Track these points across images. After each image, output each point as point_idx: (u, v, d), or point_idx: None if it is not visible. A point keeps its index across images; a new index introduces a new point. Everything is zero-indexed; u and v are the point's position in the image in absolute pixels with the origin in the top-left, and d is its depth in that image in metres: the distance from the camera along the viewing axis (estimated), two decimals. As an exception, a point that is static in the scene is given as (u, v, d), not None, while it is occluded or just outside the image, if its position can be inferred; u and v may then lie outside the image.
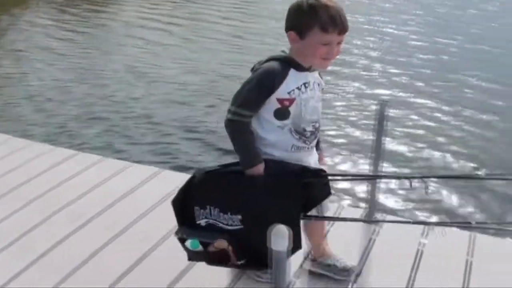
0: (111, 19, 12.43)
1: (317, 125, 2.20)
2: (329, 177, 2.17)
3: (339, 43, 2.05)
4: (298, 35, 2.04)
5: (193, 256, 2.26)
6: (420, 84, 7.83)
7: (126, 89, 7.37)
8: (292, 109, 2.09)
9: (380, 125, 2.89)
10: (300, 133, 2.14)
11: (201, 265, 2.37)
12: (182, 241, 2.20)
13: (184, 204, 2.20)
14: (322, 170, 2.16)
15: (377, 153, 2.96)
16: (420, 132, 6.10)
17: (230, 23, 11.87)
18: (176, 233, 2.22)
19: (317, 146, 2.37)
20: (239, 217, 2.09)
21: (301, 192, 2.06)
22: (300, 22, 2.03)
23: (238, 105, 2.07)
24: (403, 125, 6.20)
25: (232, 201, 2.10)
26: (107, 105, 6.73)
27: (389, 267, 2.67)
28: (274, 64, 2.08)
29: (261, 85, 2.05)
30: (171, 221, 2.26)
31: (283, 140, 2.13)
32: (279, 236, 1.69)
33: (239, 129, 2.10)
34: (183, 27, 11.49)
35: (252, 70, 2.15)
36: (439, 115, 6.66)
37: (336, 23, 1.99)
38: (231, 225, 2.11)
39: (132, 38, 10.45)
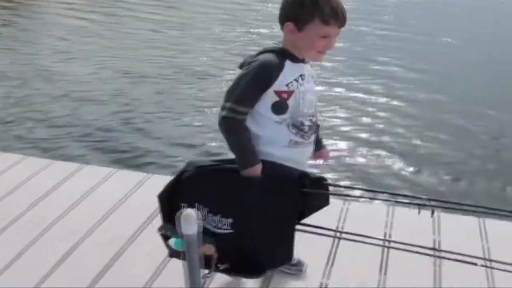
0: (24, 16, 12.00)
1: (314, 119, 2.11)
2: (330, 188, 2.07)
3: (335, 35, 1.97)
4: (296, 27, 1.94)
5: (174, 254, 2.06)
6: (332, 73, 8.11)
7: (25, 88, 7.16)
8: (290, 102, 1.99)
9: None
10: (298, 127, 2.04)
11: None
12: (165, 238, 2.06)
13: (171, 200, 2.08)
14: (323, 179, 2.03)
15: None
16: (333, 122, 6.35)
17: (151, 17, 11.80)
18: (160, 229, 2.07)
19: (319, 143, 2.32)
20: (230, 220, 1.97)
21: (299, 199, 1.95)
22: (300, 13, 1.92)
23: (234, 100, 1.94)
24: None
25: (224, 202, 1.98)
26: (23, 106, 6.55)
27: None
28: (269, 56, 1.98)
29: (259, 78, 1.94)
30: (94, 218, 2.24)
31: (280, 135, 2.03)
32: (188, 221, 1.69)
33: (235, 126, 1.97)
34: (100, 23, 11.25)
35: (242, 66, 2.03)
36: (350, 102, 6.93)
37: (338, 16, 1.91)
38: (221, 228, 2.00)
39: (48, 36, 10.12)
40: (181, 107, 6.52)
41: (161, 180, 3.57)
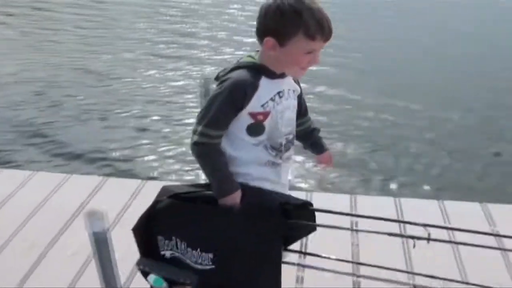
0: None
1: (290, 136, 1.96)
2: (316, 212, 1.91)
3: (320, 50, 1.78)
4: (277, 42, 1.73)
5: None
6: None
7: None
8: (267, 123, 1.83)
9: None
10: (276, 149, 1.90)
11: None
12: (145, 274, 1.93)
13: (147, 232, 1.92)
14: (307, 204, 1.91)
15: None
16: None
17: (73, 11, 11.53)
18: (138, 263, 1.94)
19: (322, 146, 2.22)
20: (211, 255, 1.81)
21: (283, 230, 1.81)
22: (281, 27, 1.71)
23: (206, 124, 1.78)
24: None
25: (203, 235, 1.82)
26: None
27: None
28: (243, 73, 1.79)
29: (231, 99, 1.76)
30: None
31: (257, 157, 1.88)
32: (95, 218, 1.65)
33: (208, 152, 1.82)
34: (20, 18, 10.90)
35: (216, 79, 1.88)
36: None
37: (324, 29, 1.70)
38: (201, 264, 1.83)
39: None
40: (97, 108, 6.45)
41: (80, 180, 3.66)
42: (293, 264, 2.21)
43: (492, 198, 3.62)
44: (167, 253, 1.90)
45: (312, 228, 1.93)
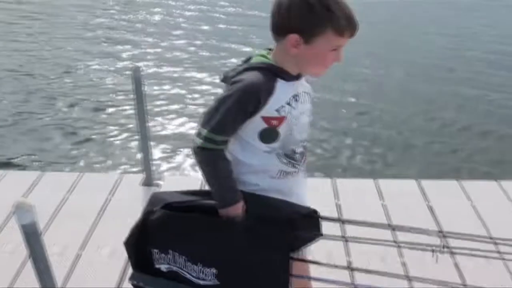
0: None
1: (306, 144, 1.80)
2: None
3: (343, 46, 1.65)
4: (302, 39, 1.57)
5: None
6: (176, 53, 8.31)
7: None
8: (281, 129, 1.66)
9: (138, 90, 3.21)
10: (290, 157, 1.73)
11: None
12: None
13: (139, 245, 1.76)
14: (314, 211, 1.74)
15: (141, 116, 3.29)
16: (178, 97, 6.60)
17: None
18: (131, 278, 1.80)
19: None
20: (214, 271, 1.66)
21: (291, 243, 1.65)
22: (309, 22, 1.55)
23: (212, 128, 1.59)
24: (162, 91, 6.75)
25: (203, 249, 1.67)
26: None
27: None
28: (257, 76, 1.61)
29: (243, 104, 1.58)
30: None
31: (269, 166, 1.71)
32: (23, 210, 1.59)
33: (212, 158, 1.64)
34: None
35: (224, 80, 1.69)
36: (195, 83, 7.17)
37: (352, 24, 1.57)
38: (204, 279, 1.68)
39: None
40: (44, 102, 6.33)
41: (18, 176, 3.62)
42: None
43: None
44: (163, 267, 1.74)
45: (317, 234, 1.75)
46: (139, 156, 4.08)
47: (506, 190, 3.41)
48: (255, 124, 1.62)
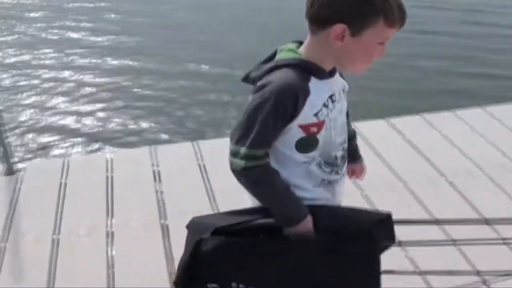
0: None
1: (346, 145, 1.63)
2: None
3: None
4: (349, 30, 1.39)
5: None
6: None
7: None
8: (320, 136, 1.48)
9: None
10: (332, 164, 1.55)
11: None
12: None
13: (193, 282, 1.52)
14: (389, 216, 1.55)
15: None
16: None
17: None
18: None
19: (356, 155, 1.84)
20: None
21: (379, 256, 1.46)
22: (360, 11, 1.37)
23: (250, 144, 1.41)
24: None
25: (276, 276, 1.45)
26: None
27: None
28: (289, 74, 1.42)
29: (278, 110, 1.40)
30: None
31: (310, 177, 1.53)
32: None
33: (261, 175, 1.45)
34: None
35: (246, 80, 1.52)
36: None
37: (404, 15, 1.41)
38: None
39: None
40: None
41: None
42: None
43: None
44: None
45: (393, 240, 1.59)
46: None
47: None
48: (291, 133, 1.46)
